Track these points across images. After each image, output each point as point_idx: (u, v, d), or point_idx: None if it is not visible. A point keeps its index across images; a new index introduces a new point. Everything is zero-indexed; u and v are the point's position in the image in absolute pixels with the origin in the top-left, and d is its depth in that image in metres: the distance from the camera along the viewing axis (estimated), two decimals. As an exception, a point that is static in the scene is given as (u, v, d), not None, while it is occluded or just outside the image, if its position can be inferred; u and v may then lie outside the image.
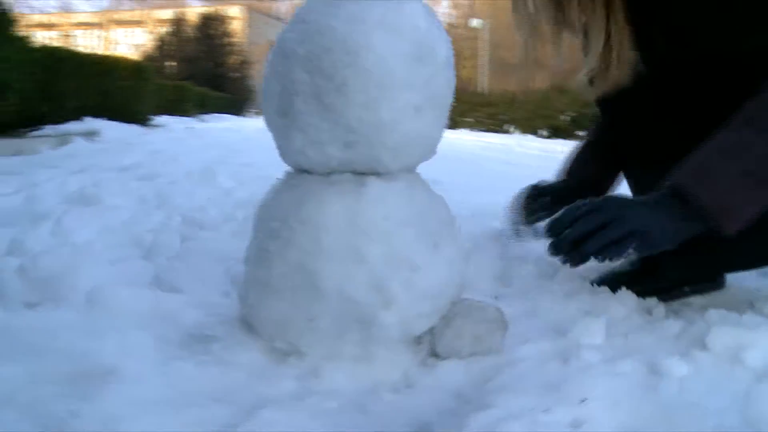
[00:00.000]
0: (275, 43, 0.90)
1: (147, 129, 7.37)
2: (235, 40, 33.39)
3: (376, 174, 0.90)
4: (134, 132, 6.19)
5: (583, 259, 0.97)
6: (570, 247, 0.97)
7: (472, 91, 15.68)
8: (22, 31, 5.50)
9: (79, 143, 4.84)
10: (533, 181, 1.59)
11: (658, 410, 0.76)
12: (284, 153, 0.93)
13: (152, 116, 8.94)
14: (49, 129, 5.20)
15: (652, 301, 1.23)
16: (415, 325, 0.88)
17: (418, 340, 0.94)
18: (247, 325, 0.96)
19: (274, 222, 0.91)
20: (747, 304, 1.18)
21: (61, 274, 1.21)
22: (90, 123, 6.04)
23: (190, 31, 30.84)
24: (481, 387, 0.84)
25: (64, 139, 4.86)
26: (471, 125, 11.53)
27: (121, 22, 44.17)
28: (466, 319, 0.91)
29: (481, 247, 1.58)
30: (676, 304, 1.23)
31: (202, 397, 0.79)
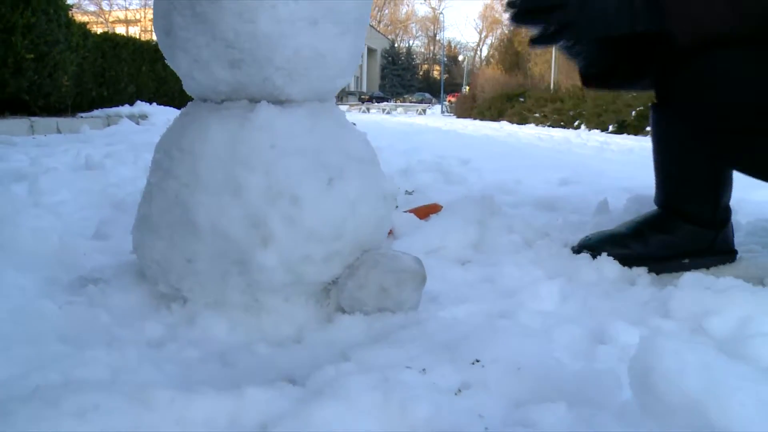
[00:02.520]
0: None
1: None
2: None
3: (276, 102, 0.79)
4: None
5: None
6: None
7: (544, 87, 15.30)
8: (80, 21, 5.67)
9: (124, 124, 4.93)
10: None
11: (563, 380, 0.62)
12: (182, 80, 0.84)
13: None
14: (100, 111, 5.31)
15: (640, 271, 1.09)
16: (304, 270, 0.77)
17: (326, 293, 0.83)
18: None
19: (158, 153, 0.82)
20: (757, 281, 1.02)
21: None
22: (142, 107, 6.15)
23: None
24: (371, 345, 0.72)
25: (110, 120, 4.96)
26: (538, 120, 11.24)
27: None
28: (372, 270, 0.80)
29: (469, 217, 1.46)
30: (669, 277, 1.08)
31: (48, 336, 0.70)
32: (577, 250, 1.14)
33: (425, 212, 1.35)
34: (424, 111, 22.62)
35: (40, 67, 4.35)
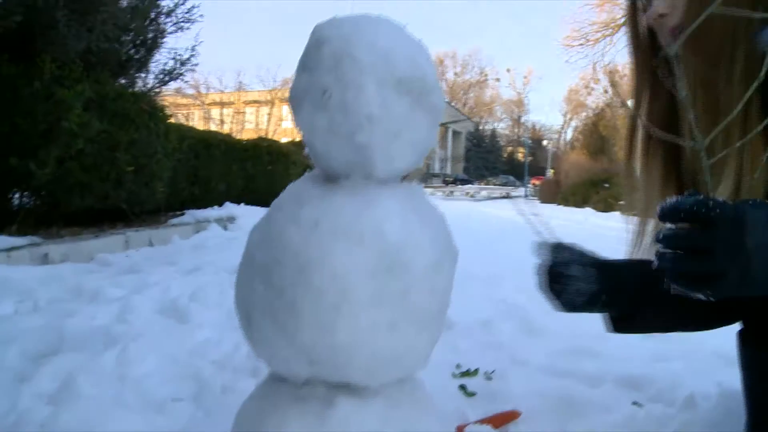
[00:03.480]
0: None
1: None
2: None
3: (352, 388, 0.78)
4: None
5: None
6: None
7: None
8: (174, 118, 6.03)
9: (212, 230, 5.12)
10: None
11: None
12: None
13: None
14: (189, 215, 5.55)
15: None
16: None
17: None
18: None
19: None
20: None
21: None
22: (230, 209, 6.39)
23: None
24: None
25: (199, 226, 5.17)
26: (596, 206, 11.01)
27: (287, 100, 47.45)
28: None
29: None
30: None
31: None
32: None
33: (501, 421, 1.30)
34: (508, 194, 22.55)
35: (138, 178, 4.61)
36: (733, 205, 0.71)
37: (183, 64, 4.84)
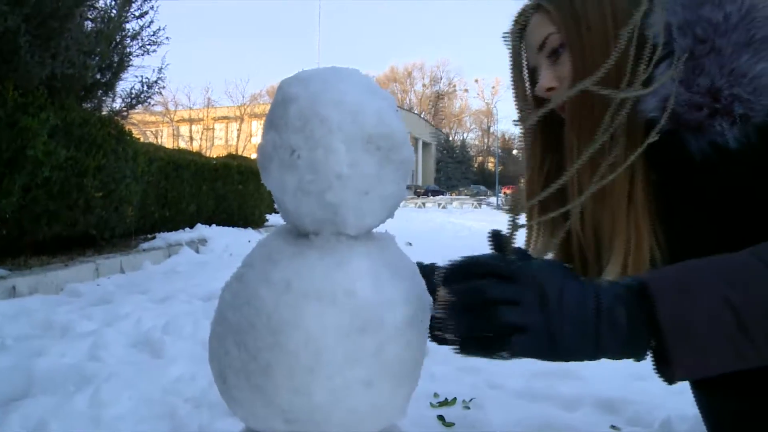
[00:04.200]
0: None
1: (258, 233, 7.63)
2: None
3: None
4: (242, 240, 6.39)
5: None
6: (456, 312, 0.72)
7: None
8: (142, 142, 5.96)
9: (184, 254, 5.06)
10: None
11: None
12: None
13: (269, 216, 9.28)
14: (161, 239, 5.49)
15: None
16: None
17: None
18: None
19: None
20: None
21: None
22: (201, 230, 6.33)
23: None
24: None
25: (171, 250, 5.10)
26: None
27: (257, 116, 47.35)
28: None
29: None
30: None
31: None
32: None
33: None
34: (480, 205, 22.68)
35: (107, 203, 4.55)
36: (533, 264, 0.71)
37: (150, 87, 4.79)
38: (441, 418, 1.61)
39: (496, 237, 0.74)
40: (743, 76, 0.80)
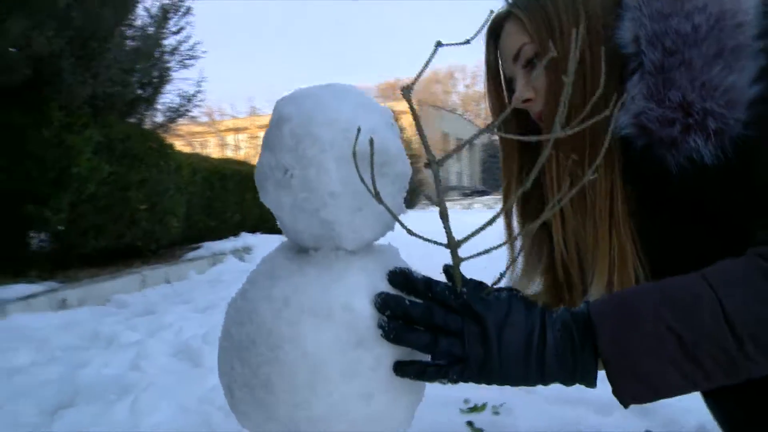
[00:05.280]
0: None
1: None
2: (406, 135, 34.53)
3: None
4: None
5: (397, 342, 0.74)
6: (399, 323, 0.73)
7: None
8: (186, 155, 6.10)
9: (229, 263, 5.16)
10: None
11: None
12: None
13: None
14: (206, 248, 5.60)
15: None
16: None
17: None
18: None
19: None
20: None
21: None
22: (245, 239, 6.43)
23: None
24: None
25: (215, 259, 5.21)
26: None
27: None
28: None
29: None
30: None
31: None
32: None
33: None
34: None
35: (152, 215, 4.68)
36: (480, 297, 0.73)
37: (189, 100, 4.91)
38: (470, 424, 1.61)
39: (446, 271, 0.76)
40: (715, 89, 0.77)
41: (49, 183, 3.59)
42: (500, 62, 1.04)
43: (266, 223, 7.69)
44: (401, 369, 0.74)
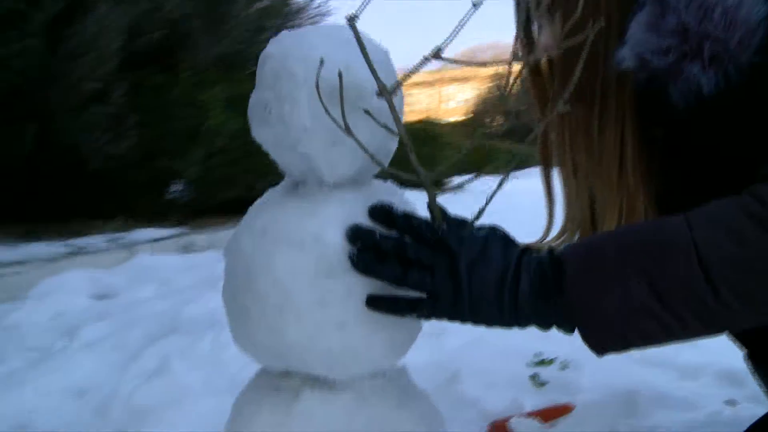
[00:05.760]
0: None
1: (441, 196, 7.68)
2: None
3: (323, 380, 0.83)
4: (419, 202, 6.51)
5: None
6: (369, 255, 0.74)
7: None
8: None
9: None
10: None
11: None
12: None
13: (450, 178, 9.32)
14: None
15: None
16: None
17: None
18: None
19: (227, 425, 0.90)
20: None
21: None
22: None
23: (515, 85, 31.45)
24: None
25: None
26: None
27: (452, 80, 47.36)
28: None
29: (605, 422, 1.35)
30: None
31: None
32: None
33: (552, 415, 1.27)
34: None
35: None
36: (457, 233, 0.72)
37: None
38: (534, 377, 1.59)
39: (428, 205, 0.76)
40: (712, 9, 0.69)
41: (183, 138, 3.88)
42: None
43: (395, 181, 7.76)
44: (373, 302, 0.76)
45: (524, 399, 1.42)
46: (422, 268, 0.72)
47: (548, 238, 1.01)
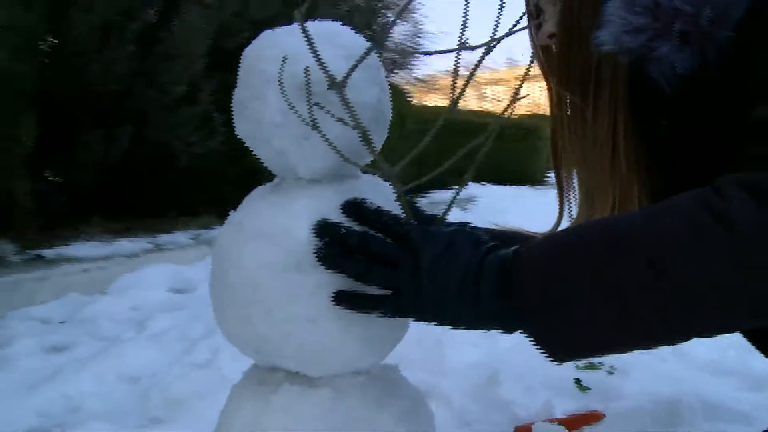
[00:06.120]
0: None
1: (537, 189, 7.56)
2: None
3: (302, 376, 0.84)
4: (507, 197, 6.42)
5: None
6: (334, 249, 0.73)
7: None
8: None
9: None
10: None
11: None
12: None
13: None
14: (428, 198, 5.77)
15: None
16: None
17: None
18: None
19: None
20: None
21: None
22: (470, 189, 6.48)
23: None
24: None
25: (433, 207, 5.34)
26: None
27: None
28: None
29: None
30: None
31: None
32: None
33: (579, 423, 1.21)
34: None
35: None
36: (423, 229, 0.70)
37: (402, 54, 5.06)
38: (578, 381, 1.53)
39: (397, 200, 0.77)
40: None
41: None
42: None
43: (500, 175, 7.60)
44: (338, 298, 0.75)
45: (556, 404, 1.37)
46: (387, 264, 0.71)
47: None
